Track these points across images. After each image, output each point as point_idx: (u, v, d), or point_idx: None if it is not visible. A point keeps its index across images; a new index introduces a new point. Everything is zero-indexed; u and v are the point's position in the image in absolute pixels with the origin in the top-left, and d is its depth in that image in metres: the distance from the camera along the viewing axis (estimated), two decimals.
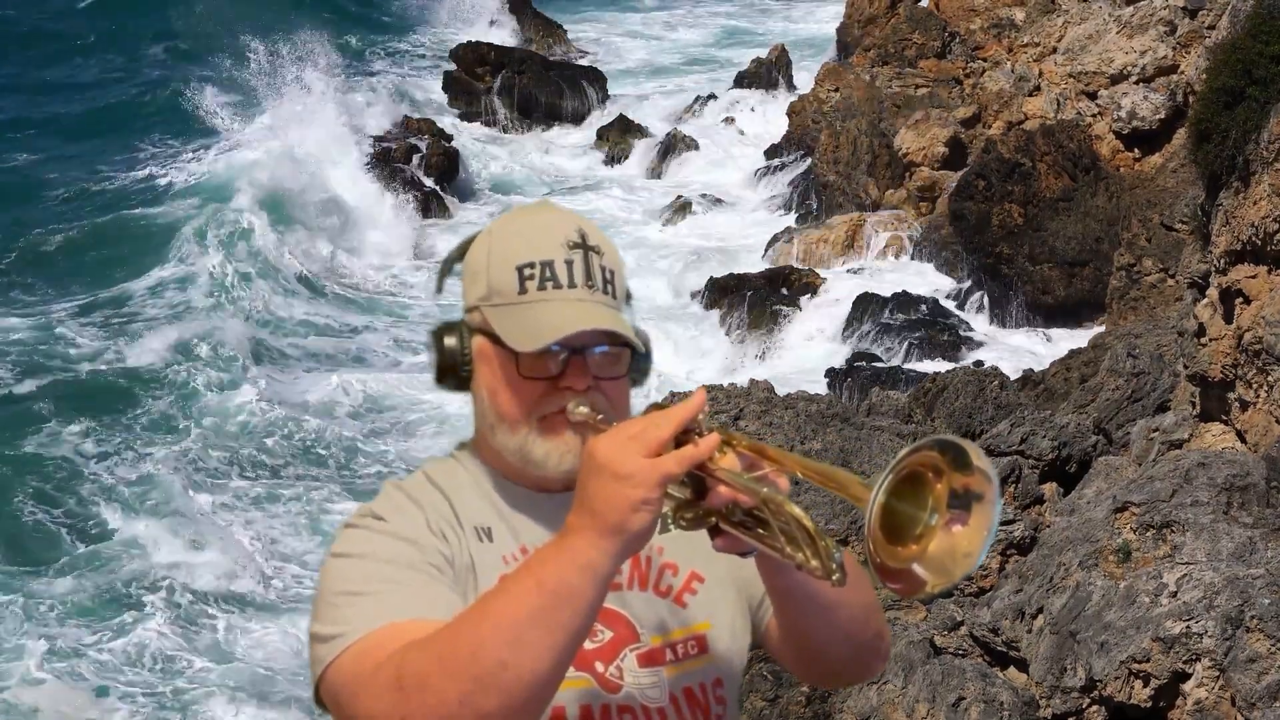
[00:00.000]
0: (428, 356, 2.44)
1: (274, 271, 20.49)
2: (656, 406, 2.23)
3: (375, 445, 16.11)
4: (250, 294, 19.56)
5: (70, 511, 14.20)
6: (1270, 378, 8.71)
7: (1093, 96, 20.16)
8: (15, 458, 15.08)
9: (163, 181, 23.50)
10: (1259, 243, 8.93)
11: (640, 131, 26.33)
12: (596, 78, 28.63)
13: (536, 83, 27.86)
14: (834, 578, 2.08)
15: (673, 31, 33.00)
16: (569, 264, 2.33)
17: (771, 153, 23.84)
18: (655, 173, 24.94)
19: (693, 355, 18.14)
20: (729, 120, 26.04)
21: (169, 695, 11.54)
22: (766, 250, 20.69)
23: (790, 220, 21.87)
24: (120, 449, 15.46)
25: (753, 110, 26.04)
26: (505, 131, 27.24)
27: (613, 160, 25.62)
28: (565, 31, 32.53)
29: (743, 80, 27.32)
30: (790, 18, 34.04)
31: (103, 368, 17.30)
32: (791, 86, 26.81)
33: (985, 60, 22.43)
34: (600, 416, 2.30)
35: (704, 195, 23.34)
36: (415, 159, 24.37)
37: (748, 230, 21.95)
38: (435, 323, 2.42)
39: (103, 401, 16.45)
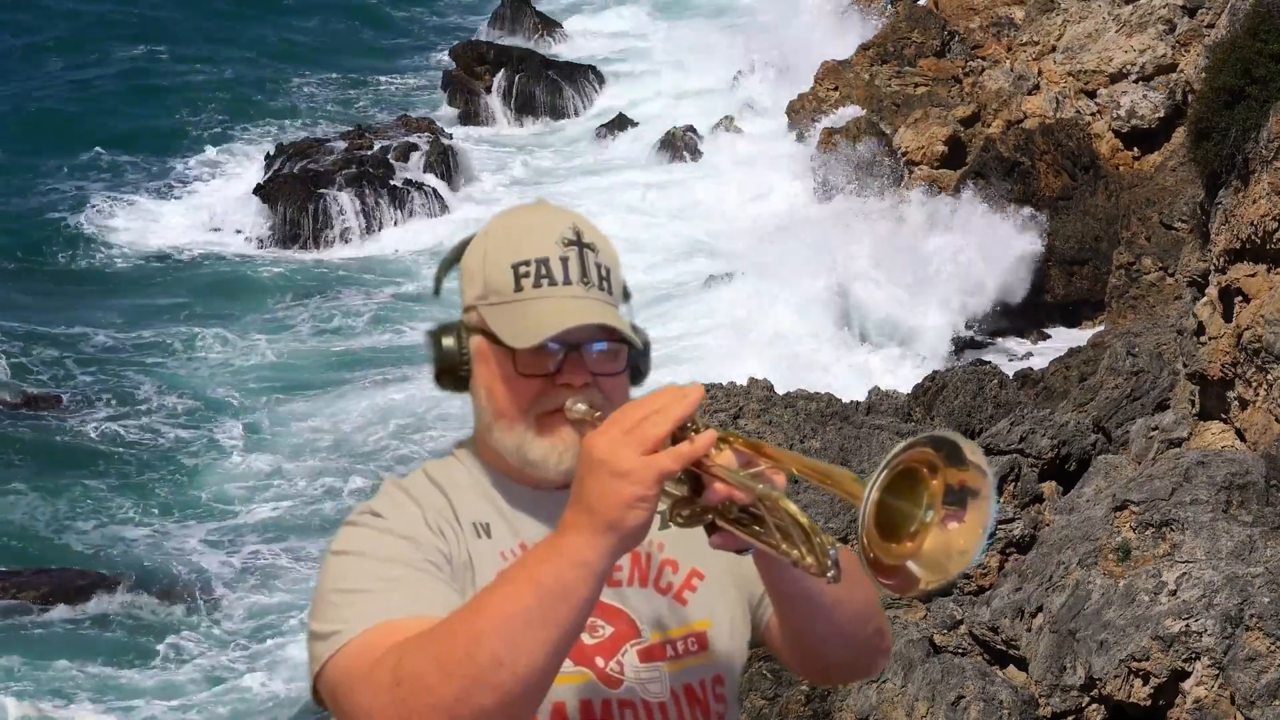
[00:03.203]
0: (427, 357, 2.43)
1: None
2: None
3: None
4: None
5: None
6: (1269, 376, 8.71)
7: (1092, 95, 20.15)
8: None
9: None
10: (1258, 241, 8.93)
11: (638, 129, 26.32)
12: (595, 75, 28.65)
13: (535, 81, 27.87)
14: (829, 575, 2.08)
15: (670, 31, 32.95)
16: (564, 261, 2.32)
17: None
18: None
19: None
20: (728, 118, 26.01)
21: None
22: None
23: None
24: None
25: (752, 109, 26.02)
26: (505, 128, 27.25)
27: (610, 156, 25.61)
28: (563, 28, 32.54)
29: (739, 78, 27.30)
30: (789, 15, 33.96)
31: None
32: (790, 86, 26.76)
33: (984, 59, 22.41)
34: (598, 414, 2.28)
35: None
36: (414, 157, 24.39)
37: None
38: (433, 323, 2.42)
39: None
